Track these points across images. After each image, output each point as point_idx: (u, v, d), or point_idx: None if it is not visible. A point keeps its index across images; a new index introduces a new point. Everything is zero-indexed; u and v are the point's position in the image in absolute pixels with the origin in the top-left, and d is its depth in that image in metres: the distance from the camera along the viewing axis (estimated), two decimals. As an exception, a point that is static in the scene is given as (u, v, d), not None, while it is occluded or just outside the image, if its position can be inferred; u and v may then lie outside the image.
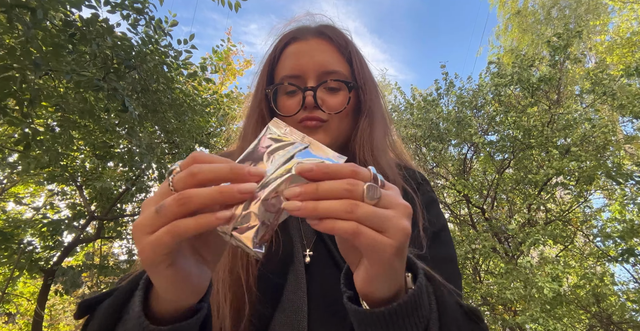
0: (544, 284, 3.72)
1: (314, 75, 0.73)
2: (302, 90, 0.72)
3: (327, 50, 0.76)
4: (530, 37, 11.65)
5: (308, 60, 0.74)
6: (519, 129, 5.14)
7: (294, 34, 0.79)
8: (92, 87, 2.69)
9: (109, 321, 0.43)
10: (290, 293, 0.62)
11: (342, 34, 0.80)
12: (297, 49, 0.76)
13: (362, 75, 0.78)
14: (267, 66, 0.79)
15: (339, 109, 0.74)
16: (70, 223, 5.16)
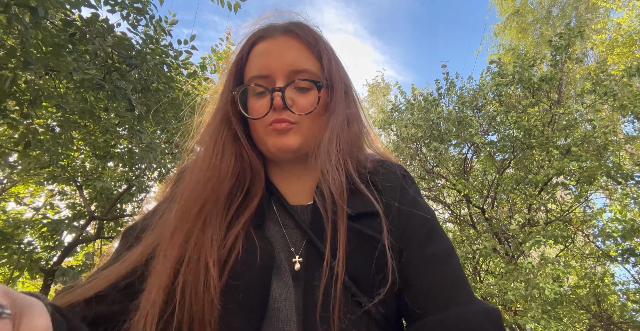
0: (545, 285, 3.71)
1: (283, 74, 0.70)
2: (270, 91, 0.69)
3: (296, 48, 0.73)
4: (530, 36, 11.64)
5: (276, 59, 0.71)
6: (520, 129, 5.14)
7: (262, 32, 0.76)
8: (93, 86, 2.68)
9: None
10: (275, 302, 0.59)
11: (311, 30, 0.77)
12: (264, 48, 0.73)
13: (332, 72, 0.75)
14: (235, 66, 0.76)
15: (309, 110, 0.70)
16: (70, 223, 5.17)
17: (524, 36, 11.86)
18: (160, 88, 3.79)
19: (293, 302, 0.59)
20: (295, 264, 0.63)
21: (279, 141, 0.69)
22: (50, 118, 4.19)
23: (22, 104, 2.68)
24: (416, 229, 0.67)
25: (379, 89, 18.62)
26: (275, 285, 0.60)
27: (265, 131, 0.71)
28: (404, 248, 0.64)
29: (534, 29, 11.73)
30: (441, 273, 0.62)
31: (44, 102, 3.38)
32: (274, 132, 0.69)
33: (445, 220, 6.55)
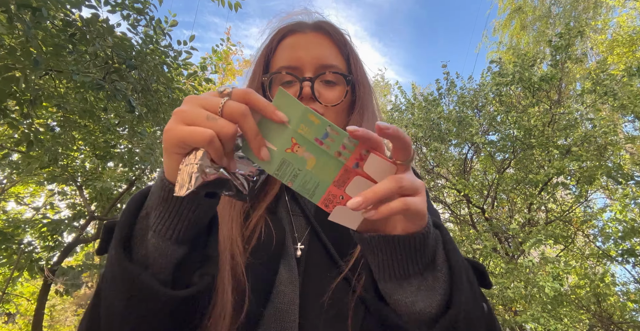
0: (545, 283, 3.71)
1: (312, 68, 0.73)
2: (300, 80, 0.71)
3: (325, 45, 0.76)
4: (530, 34, 11.62)
5: (306, 52, 0.73)
6: (520, 129, 5.14)
7: (292, 27, 0.78)
8: (93, 87, 2.68)
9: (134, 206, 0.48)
10: (281, 284, 0.61)
11: (339, 31, 0.80)
12: (295, 41, 0.76)
13: (358, 72, 0.78)
14: (263, 57, 0.78)
15: (335, 102, 0.73)
16: (70, 223, 5.16)
17: (524, 34, 11.85)
18: (160, 89, 3.78)
19: (297, 286, 0.60)
20: (297, 250, 0.65)
21: None
22: (50, 118, 4.18)
23: (22, 104, 2.67)
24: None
25: (379, 87, 18.64)
26: (282, 268, 0.62)
27: None
28: None
29: (534, 27, 11.71)
30: None
31: (44, 102, 3.37)
32: None
33: (445, 220, 6.55)
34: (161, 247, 0.46)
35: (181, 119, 0.41)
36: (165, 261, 0.46)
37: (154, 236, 0.46)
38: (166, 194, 0.45)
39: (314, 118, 0.41)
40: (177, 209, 0.45)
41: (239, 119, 0.41)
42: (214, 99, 0.42)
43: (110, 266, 0.46)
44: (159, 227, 0.46)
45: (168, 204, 0.45)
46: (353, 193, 0.42)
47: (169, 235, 0.46)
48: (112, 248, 0.46)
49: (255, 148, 0.43)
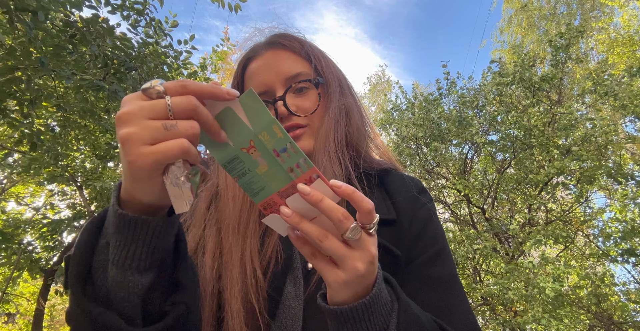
0: (546, 284, 3.71)
1: (280, 85, 0.73)
2: (272, 102, 0.72)
3: (283, 57, 0.76)
4: (535, 33, 11.61)
5: (269, 73, 0.74)
6: (520, 129, 5.14)
7: (249, 53, 0.78)
8: (92, 87, 2.68)
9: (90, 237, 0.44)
10: (287, 299, 0.61)
11: (293, 36, 0.79)
12: (255, 67, 0.76)
13: (323, 68, 0.77)
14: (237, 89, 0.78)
15: (313, 109, 0.73)
16: (70, 223, 5.16)
17: (530, 33, 11.84)
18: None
19: (302, 300, 0.60)
20: (308, 263, 0.64)
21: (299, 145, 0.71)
22: (50, 118, 4.18)
23: (22, 104, 2.67)
24: (426, 246, 0.67)
25: (380, 84, 18.63)
26: (288, 282, 0.62)
27: None
28: (409, 261, 0.65)
29: (539, 26, 11.71)
30: (441, 297, 0.62)
31: (44, 103, 3.37)
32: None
33: (445, 220, 6.55)
34: (120, 279, 0.42)
35: (140, 141, 0.36)
36: (127, 293, 0.42)
37: (114, 268, 0.42)
38: (118, 221, 0.41)
39: (278, 131, 0.41)
40: (133, 235, 0.41)
41: (193, 114, 0.38)
42: (155, 104, 0.37)
43: (71, 303, 0.43)
44: (117, 257, 0.41)
45: (122, 232, 0.41)
46: (292, 205, 0.43)
47: (128, 264, 0.42)
48: (71, 286, 0.42)
49: (214, 132, 0.40)
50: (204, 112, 0.39)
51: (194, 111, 0.38)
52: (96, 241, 0.44)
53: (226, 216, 0.66)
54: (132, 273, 0.42)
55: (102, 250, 0.43)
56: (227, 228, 0.64)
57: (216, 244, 0.64)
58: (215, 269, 0.62)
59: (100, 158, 4.86)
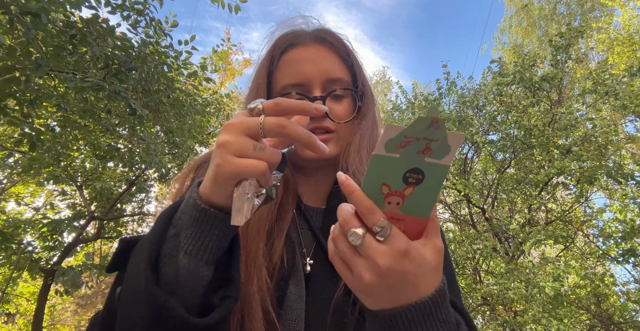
0: (546, 283, 3.71)
1: (319, 83, 0.72)
2: (311, 100, 0.70)
3: (329, 57, 0.75)
4: (535, 33, 11.62)
5: (311, 67, 0.72)
6: (520, 129, 5.13)
7: (292, 39, 0.76)
8: (94, 88, 2.68)
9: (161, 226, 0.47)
10: (291, 301, 0.61)
11: (341, 39, 0.78)
12: (297, 55, 0.74)
13: (361, 81, 0.77)
14: (265, 69, 0.76)
15: (346, 118, 0.73)
16: (70, 223, 5.16)
17: (530, 33, 11.84)
18: (160, 89, 3.78)
19: (304, 302, 0.61)
20: (307, 266, 0.65)
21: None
22: (50, 118, 4.18)
23: (22, 104, 2.67)
24: None
25: (380, 84, 18.62)
26: (291, 284, 0.63)
27: None
28: None
29: (540, 26, 11.71)
30: None
31: (44, 103, 3.37)
32: None
33: (445, 220, 6.55)
34: (194, 269, 0.45)
35: (231, 151, 0.42)
36: (196, 283, 0.45)
37: (186, 257, 0.45)
38: (198, 214, 0.45)
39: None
40: (209, 229, 0.45)
41: (282, 132, 0.43)
42: (251, 121, 0.43)
43: (132, 287, 0.45)
44: (190, 247, 0.45)
45: (200, 224, 0.45)
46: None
47: (201, 256, 0.45)
48: (139, 270, 0.44)
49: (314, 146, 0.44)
50: (292, 130, 0.43)
51: (280, 129, 0.42)
52: (166, 231, 0.47)
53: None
54: (202, 264, 0.45)
55: (170, 239, 0.46)
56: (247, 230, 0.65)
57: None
58: None
59: (100, 158, 4.86)
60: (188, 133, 4.78)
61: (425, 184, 0.41)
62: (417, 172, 0.40)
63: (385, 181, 0.41)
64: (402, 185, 0.41)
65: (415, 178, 0.40)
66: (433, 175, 0.40)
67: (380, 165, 0.40)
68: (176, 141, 4.81)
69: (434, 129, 0.38)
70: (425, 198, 0.41)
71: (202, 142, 5.72)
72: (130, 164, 4.94)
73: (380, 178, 0.41)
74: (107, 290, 2.57)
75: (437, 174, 0.40)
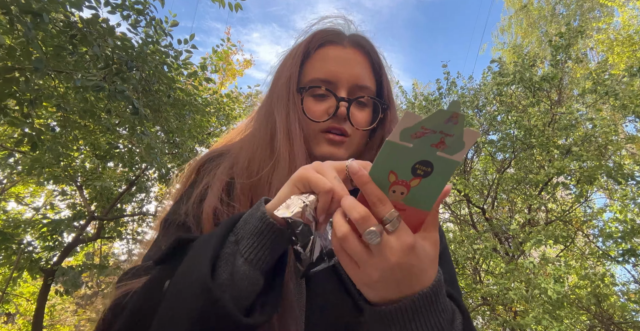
0: (547, 285, 3.71)
1: (347, 85, 0.73)
2: (338, 99, 0.71)
3: (363, 64, 0.76)
4: (535, 33, 11.62)
5: (344, 69, 0.73)
6: (520, 129, 5.14)
7: (332, 37, 0.77)
8: (94, 88, 2.68)
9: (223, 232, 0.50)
10: (291, 301, 0.61)
11: (377, 50, 0.79)
12: (333, 53, 0.75)
13: (389, 95, 0.78)
14: (299, 61, 0.76)
15: (365, 126, 0.74)
16: (70, 223, 5.16)
17: (530, 33, 11.85)
18: (161, 88, 3.78)
19: (305, 300, 0.61)
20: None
21: (331, 150, 0.72)
22: (50, 118, 4.18)
23: (22, 104, 2.67)
24: None
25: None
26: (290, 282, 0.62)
27: (317, 136, 0.73)
28: None
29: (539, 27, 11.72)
30: None
31: (44, 103, 3.37)
32: (328, 141, 0.72)
33: (445, 220, 6.55)
34: (252, 276, 0.48)
35: (315, 168, 0.49)
36: (251, 289, 0.48)
37: (246, 264, 0.48)
38: (264, 227, 0.48)
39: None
40: (271, 242, 0.48)
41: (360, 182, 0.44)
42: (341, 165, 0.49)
43: (186, 280, 0.46)
44: (251, 256, 0.48)
45: (264, 237, 0.48)
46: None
47: (259, 266, 0.48)
48: (200, 266, 0.45)
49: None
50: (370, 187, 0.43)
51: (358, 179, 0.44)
52: (226, 237, 0.50)
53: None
54: (259, 273, 0.49)
55: (229, 245, 0.49)
56: None
57: None
58: None
59: (100, 158, 4.86)
60: (188, 133, 4.78)
61: (433, 177, 0.41)
62: (427, 164, 0.40)
63: (393, 169, 0.41)
64: (409, 175, 0.41)
65: (424, 170, 0.41)
66: (442, 170, 0.40)
67: (392, 152, 0.40)
68: (176, 141, 4.81)
69: (452, 124, 0.38)
70: (430, 191, 0.42)
71: (202, 142, 5.72)
72: (130, 164, 4.94)
73: (390, 165, 0.41)
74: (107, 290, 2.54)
75: (446, 169, 0.40)
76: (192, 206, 0.66)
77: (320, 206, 0.47)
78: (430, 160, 0.40)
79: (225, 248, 0.48)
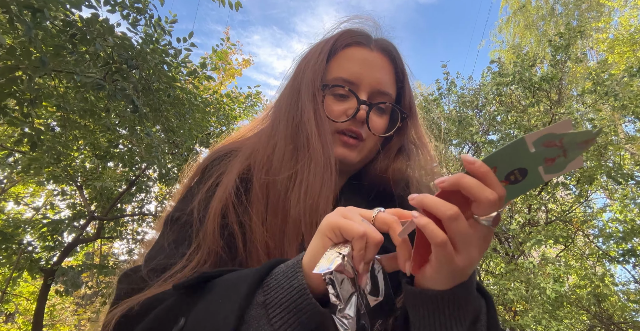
0: (546, 285, 3.71)
1: (368, 89, 0.72)
2: (360, 102, 0.70)
3: (387, 70, 0.75)
4: (533, 33, 11.62)
5: (368, 72, 0.72)
6: (520, 129, 5.14)
7: (360, 37, 0.77)
8: (94, 87, 2.68)
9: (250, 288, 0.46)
10: None
11: (402, 58, 0.79)
12: (360, 55, 0.74)
13: (411, 103, 0.78)
14: (324, 57, 0.75)
15: (382, 133, 0.74)
16: (70, 223, 5.16)
17: (528, 33, 11.84)
18: (161, 87, 3.78)
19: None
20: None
21: (344, 152, 0.71)
22: (50, 118, 4.18)
23: (22, 104, 2.67)
24: None
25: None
26: None
27: (333, 136, 0.71)
28: None
29: (537, 27, 11.71)
30: None
31: (43, 102, 3.37)
32: (342, 143, 0.71)
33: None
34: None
35: (342, 214, 0.47)
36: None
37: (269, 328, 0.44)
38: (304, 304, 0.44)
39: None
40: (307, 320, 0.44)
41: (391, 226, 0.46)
42: (367, 211, 0.48)
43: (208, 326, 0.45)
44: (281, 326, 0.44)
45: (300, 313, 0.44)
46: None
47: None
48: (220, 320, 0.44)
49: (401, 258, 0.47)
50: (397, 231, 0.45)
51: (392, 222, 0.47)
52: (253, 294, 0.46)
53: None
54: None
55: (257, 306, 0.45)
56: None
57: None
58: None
59: (100, 158, 4.86)
60: (188, 133, 4.78)
61: (516, 186, 0.40)
62: (523, 174, 0.40)
63: (499, 165, 0.40)
64: (502, 176, 0.40)
65: (516, 178, 0.40)
66: (529, 183, 0.40)
67: (516, 149, 0.39)
68: (176, 141, 4.80)
69: (579, 149, 0.37)
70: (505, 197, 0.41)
71: (202, 142, 5.71)
72: (130, 164, 4.93)
73: (502, 160, 0.39)
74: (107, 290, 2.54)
75: (530, 184, 0.40)
76: (198, 204, 0.64)
77: (357, 253, 0.44)
78: (530, 171, 0.39)
79: (252, 310, 0.45)
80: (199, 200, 0.65)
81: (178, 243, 0.62)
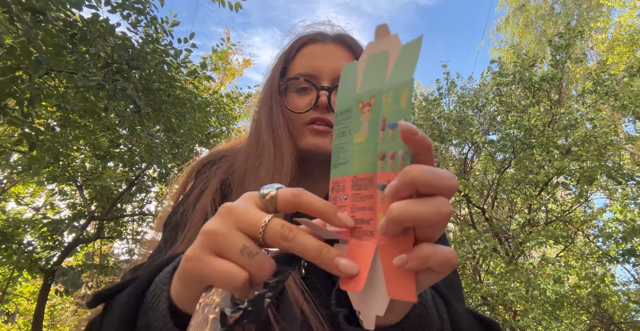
0: (546, 286, 3.71)
1: (329, 78, 0.72)
2: (317, 89, 0.71)
3: (345, 57, 0.76)
4: (532, 32, 11.62)
5: (325, 62, 0.73)
6: (520, 129, 5.14)
7: (313, 36, 0.78)
8: (94, 87, 2.68)
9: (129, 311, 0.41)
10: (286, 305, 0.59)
11: (359, 44, 0.79)
12: (314, 50, 0.76)
13: None
14: (282, 62, 0.78)
15: None
16: (70, 223, 5.16)
17: (527, 33, 11.85)
18: (161, 87, 3.78)
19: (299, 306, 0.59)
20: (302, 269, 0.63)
21: (315, 141, 0.71)
22: (50, 118, 4.18)
23: (21, 104, 2.67)
24: None
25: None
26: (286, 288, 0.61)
27: (302, 129, 0.72)
28: None
29: (536, 26, 11.72)
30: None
31: (43, 102, 3.37)
32: (312, 132, 0.71)
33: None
34: None
35: (211, 245, 0.32)
36: None
37: None
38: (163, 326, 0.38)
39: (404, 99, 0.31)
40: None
41: (284, 245, 0.32)
42: (254, 216, 0.33)
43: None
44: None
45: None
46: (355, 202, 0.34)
47: None
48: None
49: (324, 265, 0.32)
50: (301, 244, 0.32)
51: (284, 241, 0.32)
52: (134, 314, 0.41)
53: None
54: None
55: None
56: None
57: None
58: None
59: (100, 158, 4.85)
60: (189, 133, 4.78)
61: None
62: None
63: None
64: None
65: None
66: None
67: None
68: (176, 141, 4.80)
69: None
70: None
71: (202, 142, 5.72)
72: (130, 164, 4.93)
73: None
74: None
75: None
76: (188, 207, 0.66)
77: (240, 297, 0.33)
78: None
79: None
80: (190, 202, 0.67)
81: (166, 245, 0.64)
